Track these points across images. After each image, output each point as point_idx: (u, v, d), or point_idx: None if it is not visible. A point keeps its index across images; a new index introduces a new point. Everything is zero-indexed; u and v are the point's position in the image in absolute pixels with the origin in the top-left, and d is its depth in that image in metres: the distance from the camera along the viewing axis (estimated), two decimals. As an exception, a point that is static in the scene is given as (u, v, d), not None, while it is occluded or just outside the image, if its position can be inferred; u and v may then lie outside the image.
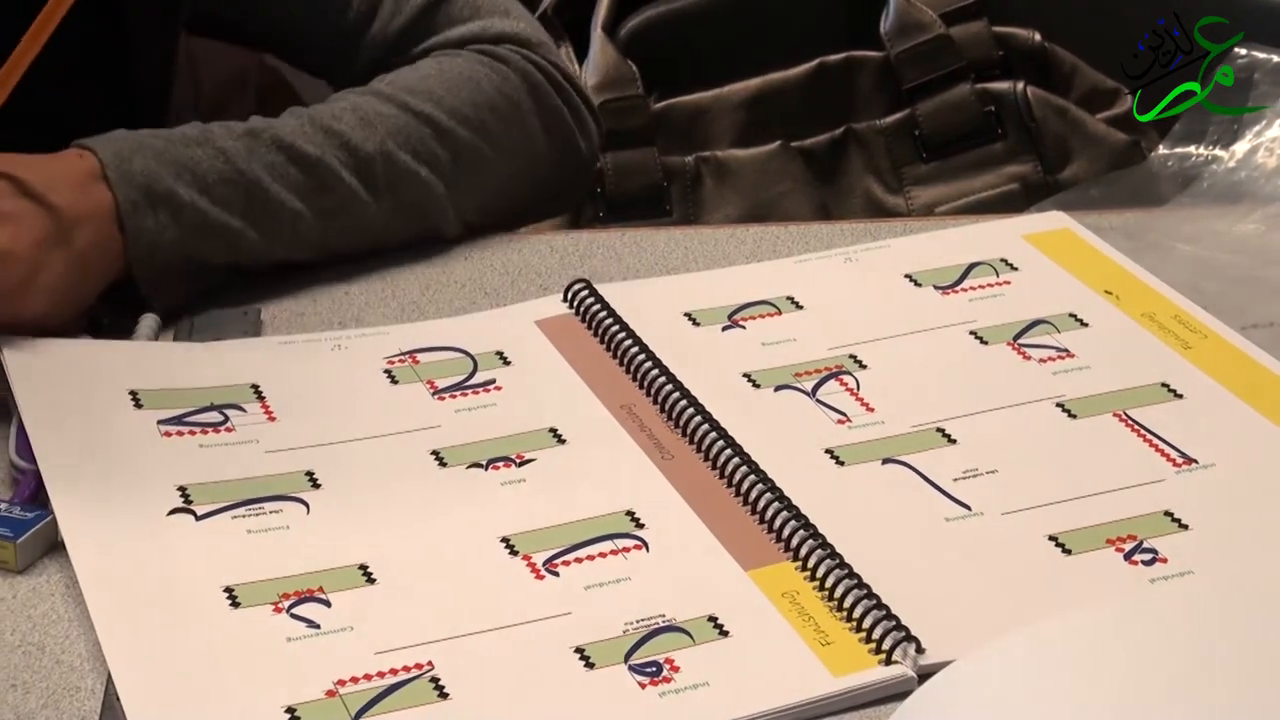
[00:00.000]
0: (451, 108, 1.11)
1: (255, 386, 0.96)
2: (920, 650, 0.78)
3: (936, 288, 1.06)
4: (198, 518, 0.86)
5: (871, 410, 0.95)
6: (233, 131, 1.06)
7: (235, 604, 0.81)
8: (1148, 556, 0.84)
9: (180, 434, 0.92)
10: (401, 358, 0.99)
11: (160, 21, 1.19)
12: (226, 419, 0.94)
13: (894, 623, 0.79)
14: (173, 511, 0.87)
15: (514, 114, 1.13)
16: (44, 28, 0.95)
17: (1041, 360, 0.99)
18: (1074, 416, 0.94)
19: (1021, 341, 1.01)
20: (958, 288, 1.06)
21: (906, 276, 1.07)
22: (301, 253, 1.08)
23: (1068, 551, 0.85)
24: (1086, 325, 1.02)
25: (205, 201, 1.03)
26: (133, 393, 0.95)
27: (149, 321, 1.01)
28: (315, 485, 0.89)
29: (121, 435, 0.92)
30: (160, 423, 0.93)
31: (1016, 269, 1.08)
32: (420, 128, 1.09)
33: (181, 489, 0.88)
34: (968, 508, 0.88)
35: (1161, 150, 1.24)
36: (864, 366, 0.99)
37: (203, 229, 1.03)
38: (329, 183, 1.07)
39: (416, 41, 1.15)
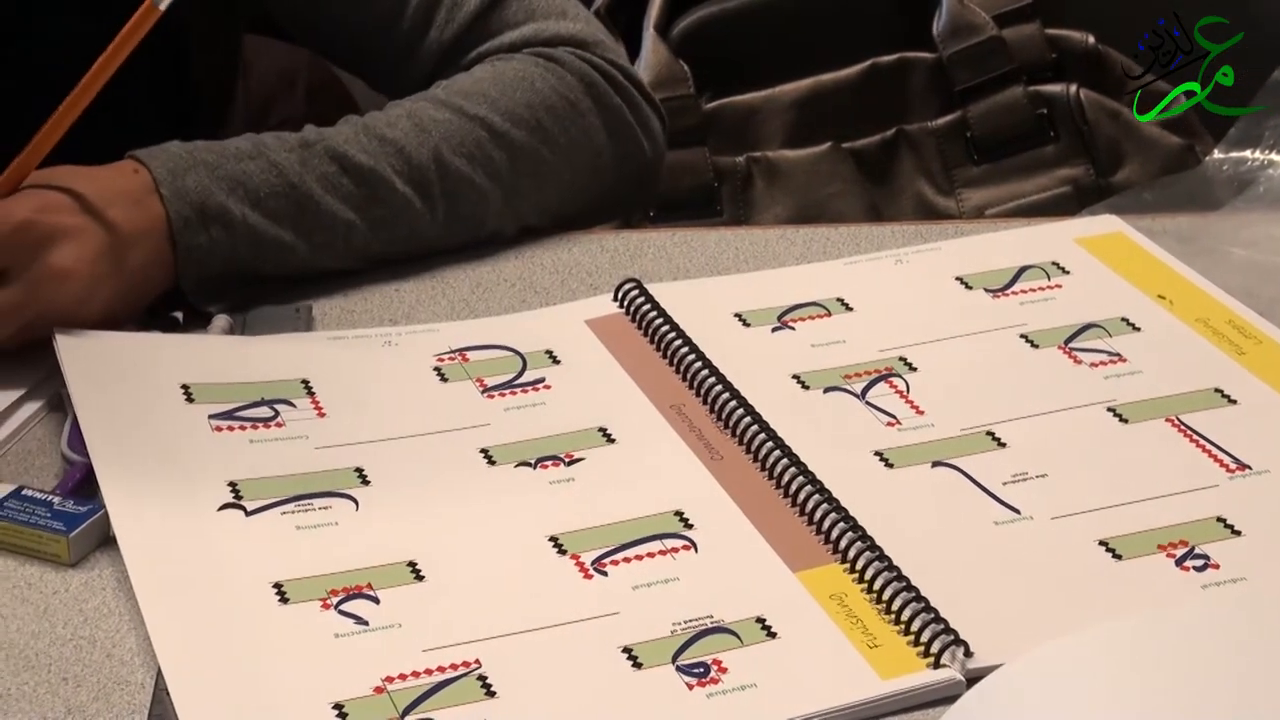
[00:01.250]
0: (506, 109, 1.10)
1: (305, 382, 0.97)
2: (969, 654, 0.78)
3: (987, 290, 1.06)
4: (247, 513, 0.87)
5: (921, 413, 0.95)
6: (286, 143, 1.06)
7: (284, 600, 0.81)
8: (1199, 563, 0.84)
9: (231, 429, 0.93)
10: (451, 355, 1.00)
11: (220, 27, 1.20)
12: (277, 414, 0.94)
13: (942, 626, 0.79)
14: (223, 507, 0.87)
15: (571, 114, 1.13)
16: (118, 53, 0.95)
17: (1093, 364, 0.99)
18: (1126, 421, 0.94)
19: (1073, 345, 1.00)
20: (1009, 291, 1.06)
21: (957, 279, 1.07)
22: (353, 262, 1.08)
23: (1118, 557, 0.84)
24: (1139, 330, 1.02)
25: (257, 216, 1.03)
26: (184, 387, 0.95)
27: (221, 322, 1.02)
28: (365, 482, 0.89)
29: (172, 429, 0.92)
30: (211, 417, 0.93)
31: (1068, 272, 1.07)
32: (475, 130, 1.09)
33: (232, 484, 0.88)
34: (1017, 511, 0.87)
35: (1216, 154, 1.24)
36: (914, 369, 0.99)
37: (254, 244, 1.04)
38: (382, 193, 1.07)
39: (471, 47, 1.15)
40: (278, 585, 0.82)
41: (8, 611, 0.82)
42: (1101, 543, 0.85)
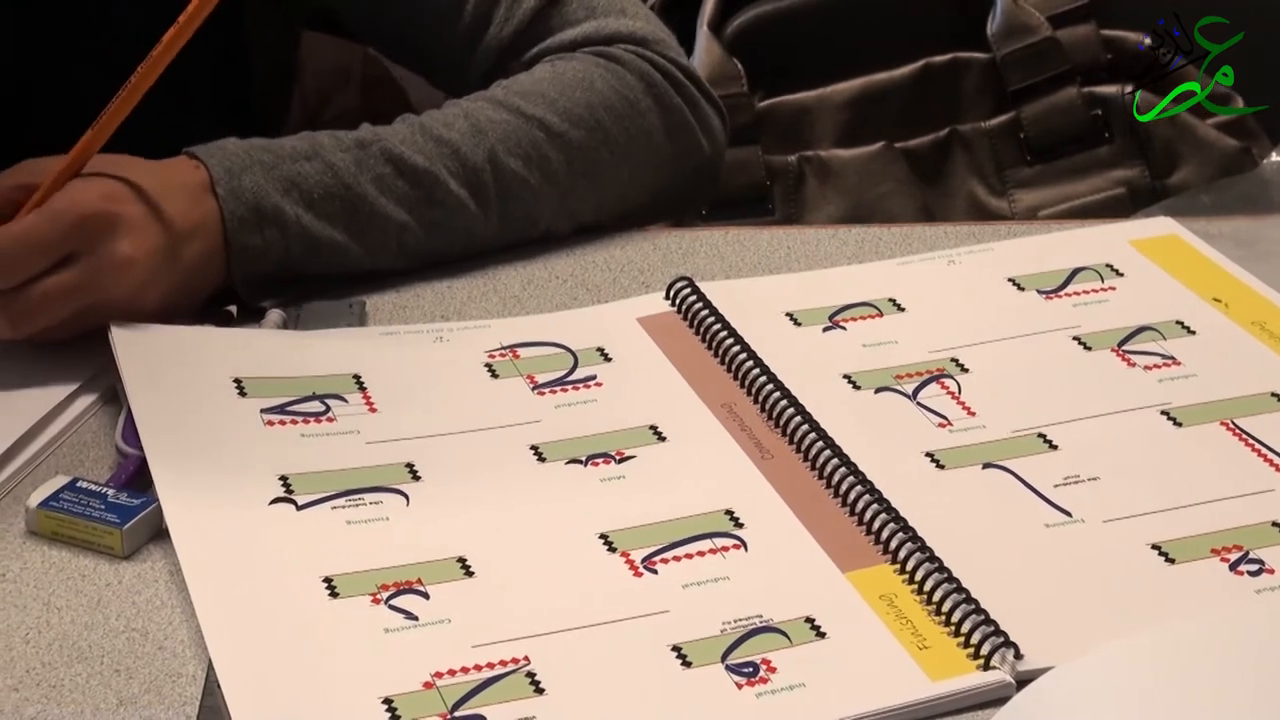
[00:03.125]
0: (564, 110, 1.10)
1: (357, 377, 0.97)
2: (1019, 656, 0.78)
3: (1040, 292, 1.05)
4: (298, 507, 0.87)
5: (972, 414, 0.95)
6: (342, 143, 1.06)
7: (334, 594, 0.82)
8: (1254, 567, 0.83)
9: (282, 423, 0.93)
10: (502, 352, 1.00)
11: (280, 23, 1.20)
12: (328, 409, 0.94)
13: (992, 628, 0.79)
14: (274, 501, 0.87)
15: (631, 113, 1.12)
16: (178, 37, 0.96)
17: (1147, 367, 0.98)
18: (1180, 425, 0.93)
19: (1126, 348, 1.00)
20: (1062, 292, 1.05)
21: (1009, 280, 1.07)
22: (405, 263, 1.08)
23: (1171, 560, 0.84)
24: (1194, 333, 1.01)
25: (311, 218, 1.04)
26: (237, 380, 0.95)
27: (274, 317, 1.02)
28: (415, 477, 0.90)
29: (225, 423, 0.93)
30: (263, 411, 0.93)
31: (1122, 275, 1.07)
32: (532, 131, 1.09)
33: (283, 478, 0.89)
34: (1068, 514, 0.87)
35: (1274, 157, 1.23)
36: (965, 370, 0.98)
37: (307, 245, 1.04)
38: (437, 194, 1.07)
39: (531, 45, 1.15)
40: (328, 580, 0.82)
41: (62, 603, 0.83)
42: (1154, 546, 0.85)
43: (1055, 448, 0.92)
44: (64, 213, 0.96)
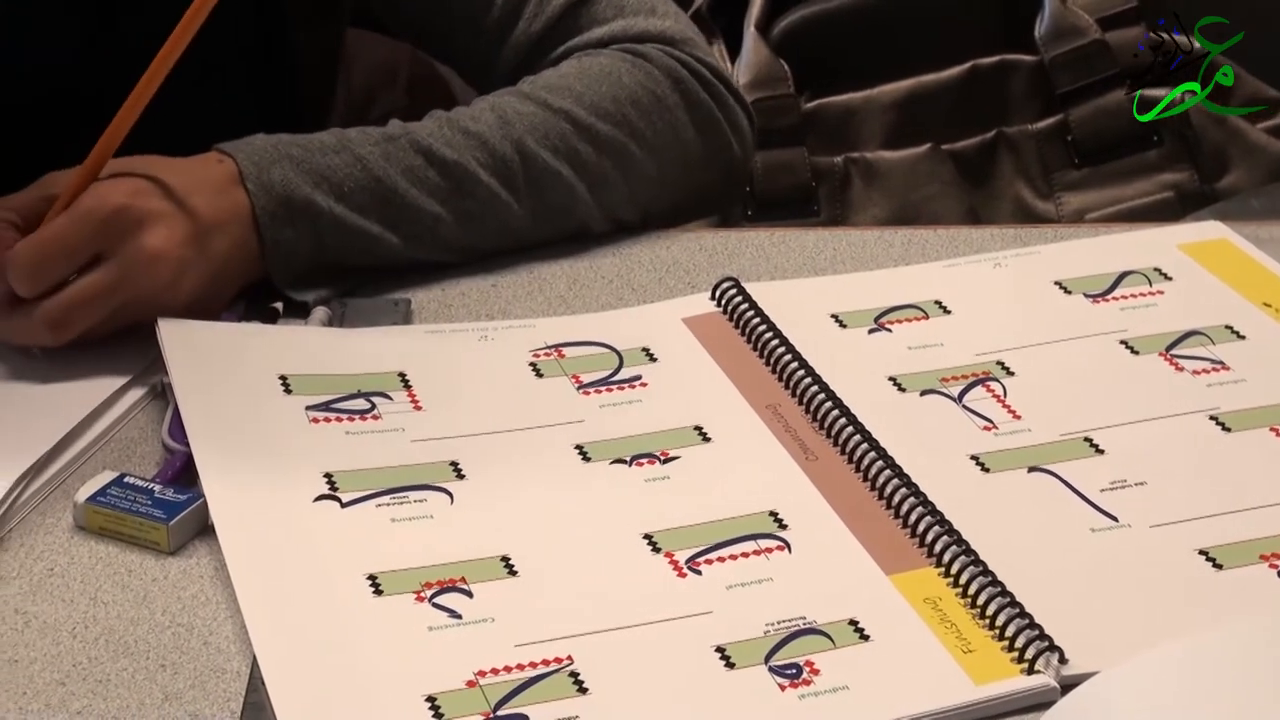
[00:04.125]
0: (591, 103, 1.10)
1: (402, 375, 0.97)
2: (1064, 661, 0.77)
3: (1087, 296, 1.05)
4: (343, 505, 0.87)
5: (1018, 418, 0.94)
6: (370, 137, 1.06)
7: (379, 592, 0.82)
8: (1302, 573, 0.83)
9: (328, 420, 0.93)
10: (547, 351, 1.00)
11: (323, 20, 1.21)
12: (373, 407, 0.94)
13: (1037, 632, 0.78)
14: (319, 498, 0.87)
15: (658, 109, 1.13)
16: (188, 28, 0.96)
17: (1195, 372, 0.98)
18: (1228, 430, 0.93)
19: (1174, 352, 0.99)
20: (1109, 296, 1.05)
21: (1056, 283, 1.06)
22: (444, 254, 1.08)
23: (1219, 566, 0.83)
24: (1243, 338, 1.01)
25: (343, 209, 1.04)
26: (283, 378, 0.96)
27: (320, 314, 1.03)
28: (460, 476, 0.90)
29: (270, 420, 0.93)
30: (308, 409, 0.94)
31: (1170, 279, 1.06)
32: (560, 124, 1.09)
33: (328, 476, 0.89)
34: (1115, 519, 0.86)
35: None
36: (1011, 373, 0.98)
37: (342, 236, 1.04)
38: (468, 185, 1.07)
39: (559, 42, 1.15)
40: (372, 577, 0.83)
41: (108, 598, 0.83)
42: (1201, 552, 0.84)
43: (1102, 452, 0.91)
44: (89, 212, 0.97)
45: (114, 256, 0.97)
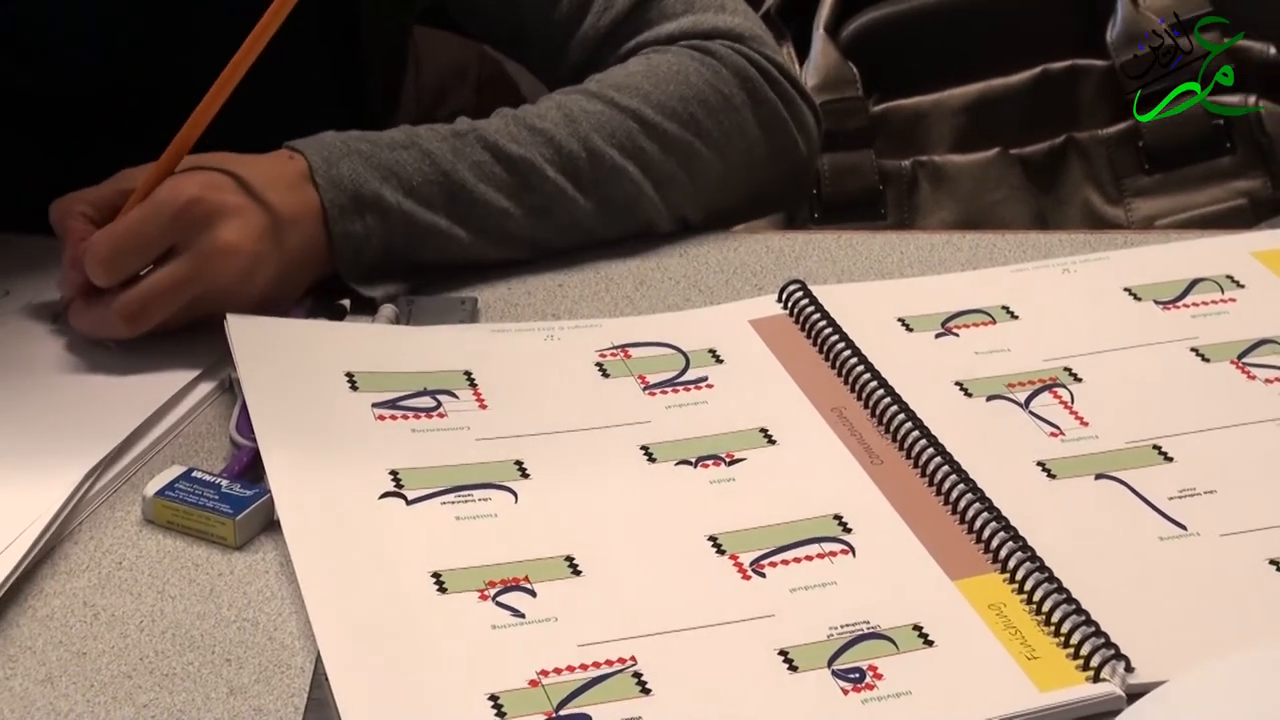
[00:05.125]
0: (658, 103, 1.10)
1: (468, 373, 0.97)
2: (1130, 669, 0.77)
3: (1157, 302, 1.04)
4: (408, 502, 0.87)
5: (1086, 424, 0.94)
6: (438, 133, 1.07)
7: (442, 589, 0.82)
8: (1373, 585, 0.82)
9: (394, 418, 0.93)
10: (614, 351, 1.00)
11: (392, 15, 1.21)
12: (439, 405, 0.95)
13: (1103, 640, 0.78)
14: (384, 495, 0.88)
15: (725, 108, 1.12)
16: (267, 27, 0.97)
17: (1267, 380, 0.97)
18: (1299, 439, 0.92)
19: (1246, 360, 0.98)
20: (1180, 303, 1.04)
21: (1126, 290, 1.05)
22: (514, 250, 1.09)
23: (1288, 576, 0.83)
24: (1315, 347, 1.00)
25: (411, 203, 1.04)
26: (349, 375, 0.96)
27: (387, 311, 1.03)
28: (524, 475, 0.90)
29: (337, 417, 0.93)
30: (374, 406, 0.94)
31: (1243, 286, 1.05)
32: (626, 123, 1.09)
33: (393, 473, 0.89)
34: (1183, 527, 0.86)
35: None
36: (1079, 380, 0.97)
37: (410, 230, 1.05)
38: (534, 181, 1.07)
39: (627, 38, 1.15)
40: (436, 575, 0.83)
41: (175, 591, 0.84)
42: (1272, 561, 0.83)
43: (1171, 460, 0.90)
44: (164, 204, 0.98)
45: (188, 249, 0.98)
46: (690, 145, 1.11)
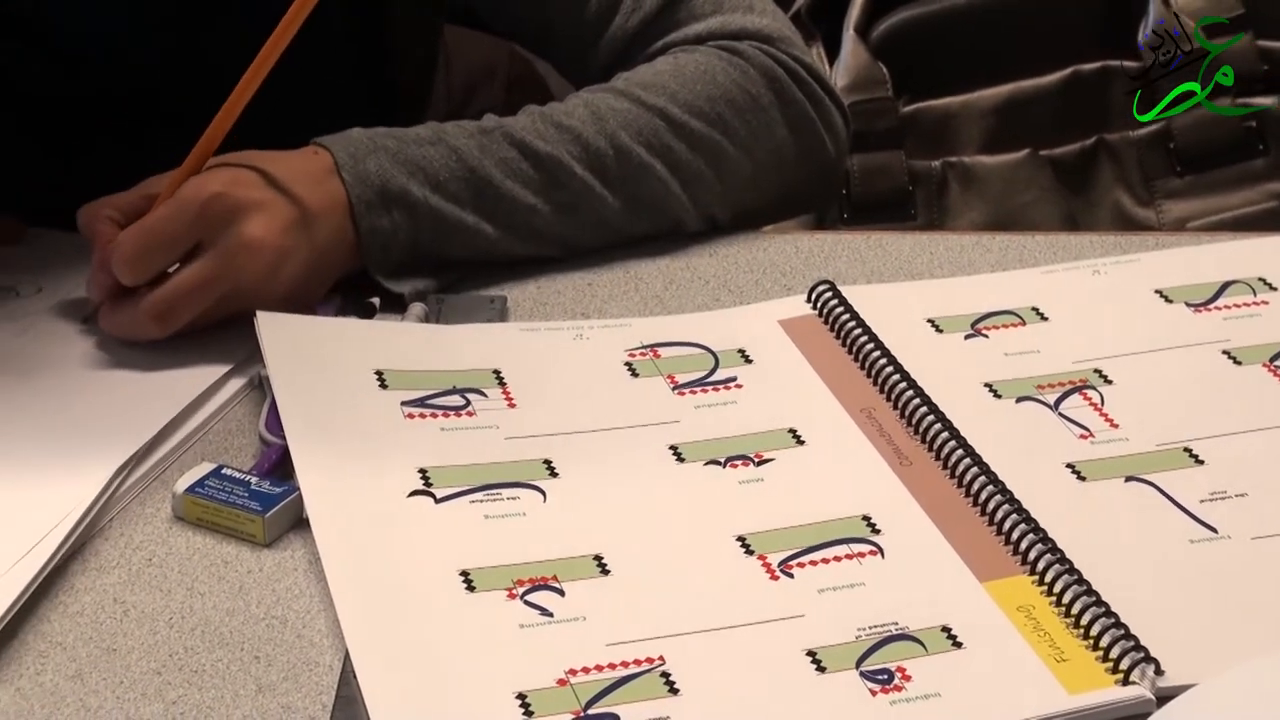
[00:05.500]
0: (685, 101, 1.10)
1: (497, 372, 0.97)
2: (1159, 672, 0.76)
3: (1189, 305, 1.04)
4: (437, 500, 0.87)
5: (1116, 426, 0.93)
6: (465, 130, 1.07)
7: (471, 588, 0.82)
8: (1405, 589, 0.82)
9: (422, 416, 0.94)
10: (643, 351, 1.00)
11: (421, 14, 1.22)
12: (468, 403, 0.95)
13: (1133, 642, 0.77)
14: (413, 493, 0.88)
15: (753, 108, 1.12)
16: (290, 26, 0.97)
17: (1299, 384, 0.97)
18: (1330, 442, 0.92)
19: (1279, 363, 0.98)
20: (1211, 305, 1.04)
21: (1157, 292, 1.05)
22: (542, 247, 1.09)
23: (1320, 580, 0.82)
24: (1350, 350, 0.99)
25: (438, 199, 1.04)
26: (378, 373, 0.96)
27: (416, 310, 1.03)
28: (553, 474, 0.90)
29: (366, 415, 0.94)
30: (404, 404, 0.94)
31: (1275, 289, 1.05)
32: (653, 121, 1.10)
33: (422, 471, 0.89)
34: (1214, 530, 0.85)
35: None
36: (1109, 382, 0.97)
37: (438, 226, 1.05)
38: (562, 178, 1.07)
39: (655, 38, 1.15)
40: (465, 574, 0.83)
41: (204, 588, 0.84)
42: (1303, 565, 0.83)
43: (1201, 463, 0.90)
44: (188, 201, 0.98)
45: (214, 246, 0.98)
46: (718, 144, 1.11)
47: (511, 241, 1.08)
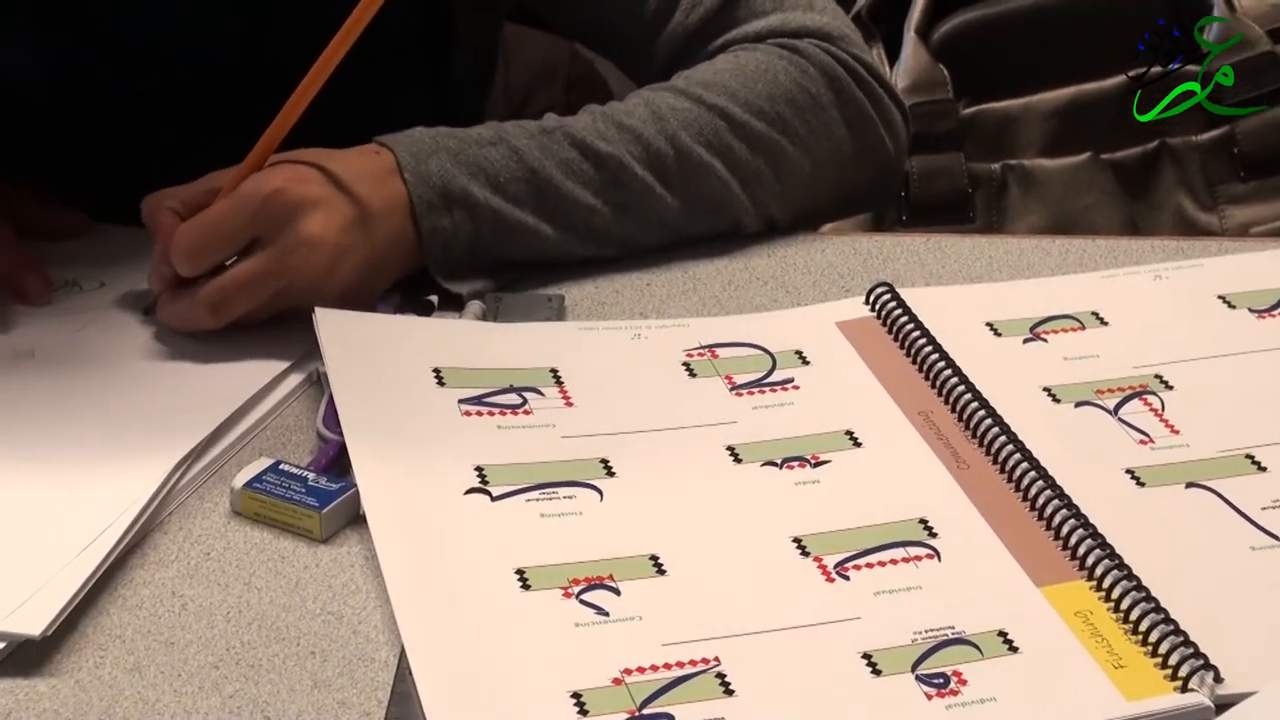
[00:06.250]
0: (746, 101, 1.10)
1: (554, 371, 0.97)
2: (1218, 679, 0.76)
3: (1252, 311, 1.03)
4: (493, 498, 0.88)
5: (1176, 432, 0.93)
6: (526, 130, 1.07)
7: (526, 586, 0.82)
8: None
9: (479, 414, 0.94)
10: (701, 351, 1.00)
11: (484, 11, 1.22)
12: (525, 401, 0.95)
13: (1192, 649, 0.77)
14: (469, 491, 0.88)
15: (813, 107, 1.12)
16: (356, 25, 0.97)
17: (1363, 391, 0.96)
18: (1395, 451, 0.91)
19: (1343, 371, 0.97)
20: (1275, 312, 1.03)
21: (1220, 298, 1.04)
22: (601, 248, 1.09)
23: (1382, 589, 0.82)
24: None
25: (499, 200, 1.05)
26: (436, 370, 0.96)
27: (474, 308, 1.03)
28: (610, 473, 0.90)
29: (423, 412, 0.94)
30: (461, 401, 0.94)
31: (1340, 295, 1.04)
32: (714, 120, 1.09)
33: (479, 469, 0.89)
34: (1276, 538, 0.85)
35: None
36: (1170, 387, 0.96)
37: (498, 226, 1.05)
38: (622, 178, 1.07)
39: (715, 35, 1.15)
40: (520, 572, 0.83)
41: (261, 583, 0.84)
42: (1364, 574, 0.82)
43: (1264, 470, 0.89)
44: (248, 196, 0.99)
45: (272, 242, 0.99)
46: (777, 144, 1.11)
47: (571, 242, 1.08)
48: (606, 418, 0.94)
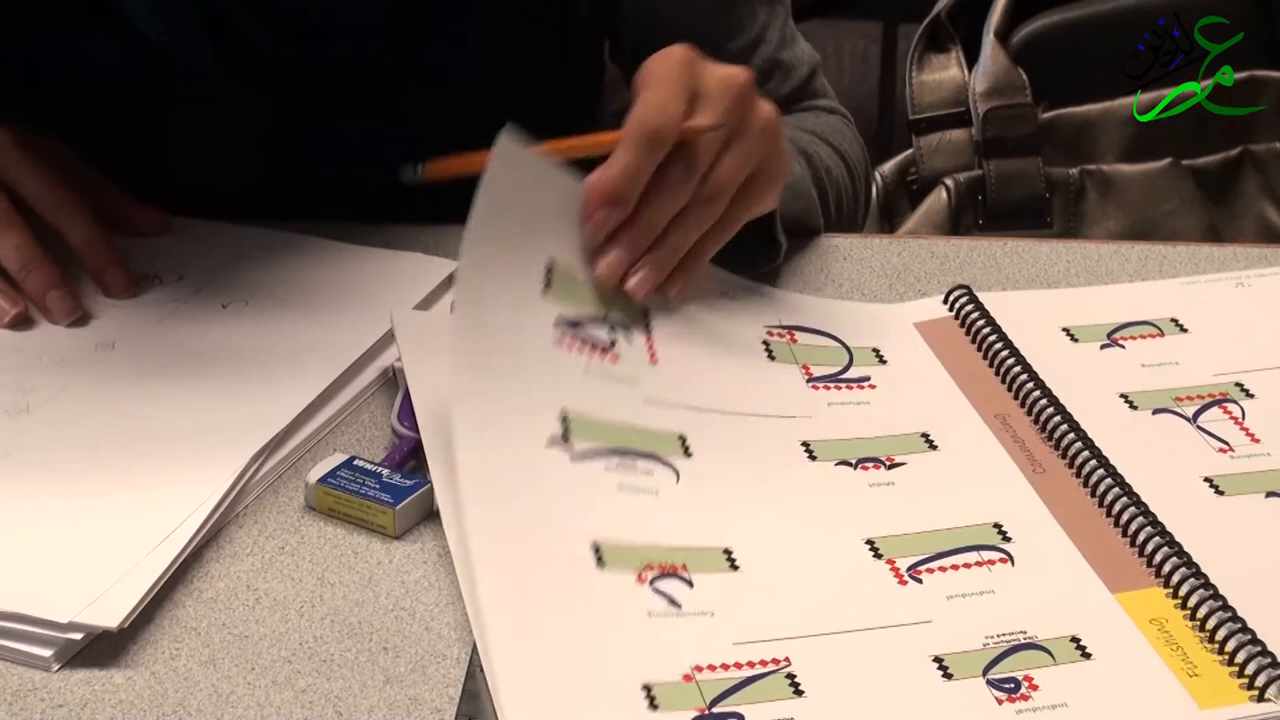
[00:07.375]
0: (840, 148, 1.21)
1: (645, 312, 0.97)
2: (1296, 689, 0.75)
3: (1335, 319, 1.02)
4: (573, 458, 0.87)
5: (1257, 441, 0.92)
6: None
7: (600, 563, 0.82)
8: None
9: (570, 347, 0.92)
10: (781, 332, 1.00)
11: (598, 30, 1.23)
12: (614, 344, 0.94)
13: (1269, 659, 0.76)
14: (551, 443, 0.87)
15: (862, 166, 1.25)
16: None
17: None
18: None
19: None
20: (1359, 320, 1.02)
21: (1303, 306, 1.03)
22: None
23: None
24: None
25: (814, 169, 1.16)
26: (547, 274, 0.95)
27: None
28: (687, 453, 0.90)
29: (514, 353, 0.92)
30: (556, 324, 0.92)
31: None
32: (834, 156, 1.20)
33: (563, 416, 0.88)
34: (1355, 548, 0.84)
35: None
36: (1251, 396, 0.96)
37: (811, 190, 1.14)
38: (820, 170, 1.17)
39: (798, 103, 1.23)
40: (596, 547, 0.82)
41: (335, 579, 0.84)
42: None
43: (1345, 479, 0.89)
44: (729, 82, 0.97)
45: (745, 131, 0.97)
46: (838, 187, 1.19)
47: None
48: (687, 388, 0.94)
